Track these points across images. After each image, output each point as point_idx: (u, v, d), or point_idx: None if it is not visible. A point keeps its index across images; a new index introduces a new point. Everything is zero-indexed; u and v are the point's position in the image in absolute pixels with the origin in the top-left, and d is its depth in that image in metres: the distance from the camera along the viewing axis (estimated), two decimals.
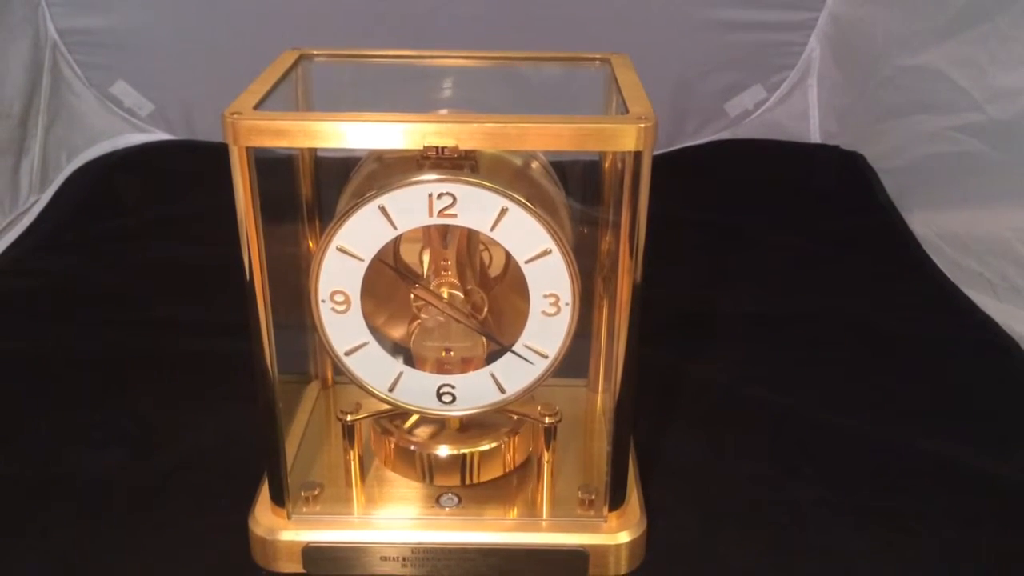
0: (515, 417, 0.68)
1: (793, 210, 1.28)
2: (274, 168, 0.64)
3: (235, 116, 0.54)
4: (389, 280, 0.64)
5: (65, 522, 0.71)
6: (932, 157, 1.17)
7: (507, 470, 0.68)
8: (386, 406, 0.65)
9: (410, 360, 0.64)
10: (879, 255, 1.16)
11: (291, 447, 0.71)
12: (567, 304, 0.59)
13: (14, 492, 0.74)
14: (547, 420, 0.66)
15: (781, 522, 0.72)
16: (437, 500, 0.68)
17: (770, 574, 0.68)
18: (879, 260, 1.15)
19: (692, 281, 1.09)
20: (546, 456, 0.67)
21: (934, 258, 1.13)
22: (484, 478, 0.68)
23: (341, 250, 0.58)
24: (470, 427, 0.68)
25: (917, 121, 1.20)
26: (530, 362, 0.61)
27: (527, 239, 0.57)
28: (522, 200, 0.56)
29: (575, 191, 0.67)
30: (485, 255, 0.65)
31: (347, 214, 0.57)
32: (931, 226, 1.16)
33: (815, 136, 1.47)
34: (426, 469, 0.67)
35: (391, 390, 0.63)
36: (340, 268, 0.58)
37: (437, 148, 0.55)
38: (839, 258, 1.15)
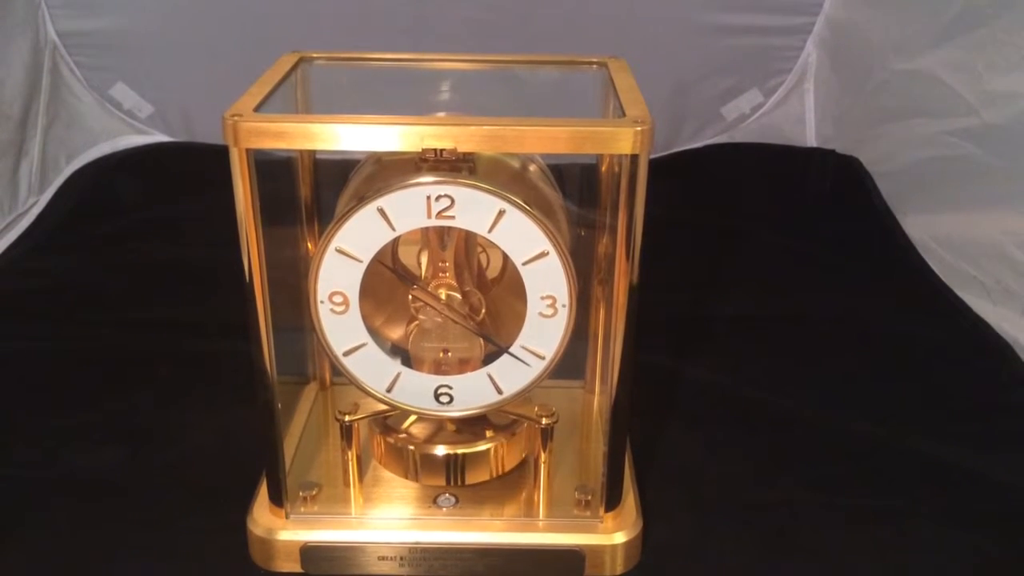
0: (512, 418, 0.68)
1: (789, 213, 1.28)
2: (273, 170, 0.64)
3: (236, 118, 0.54)
4: (388, 281, 0.64)
5: (65, 521, 0.71)
6: (927, 161, 1.17)
7: (504, 471, 0.69)
8: (384, 407, 0.65)
9: (408, 361, 0.65)
10: (874, 258, 1.16)
11: (289, 447, 0.71)
12: (564, 306, 0.60)
13: (14, 492, 0.74)
14: (544, 421, 0.66)
15: (777, 523, 0.72)
16: (434, 500, 0.68)
17: (765, 575, 0.68)
18: (874, 263, 1.15)
19: (689, 283, 1.10)
20: (543, 457, 0.67)
21: (929, 261, 1.13)
22: (481, 478, 0.68)
23: (340, 251, 0.58)
24: (467, 428, 0.68)
25: (913, 125, 1.20)
26: (527, 363, 0.62)
27: (524, 241, 0.57)
28: (519, 202, 0.56)
29: (572, 194, 0.68)
30: (483, 257, 0.65)
31: (346, 216, 0.57)
32: (926, 229, 1.17)
33: (811, 140, 1.48)
34: (423, 469, 0.67)
35: (389, 391, 0.64)
36: (339, 269, 0.59)
37: (435, 150, 0.55)
38: (835, 261, 1.16)
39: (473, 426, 0.68)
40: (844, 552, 0.69)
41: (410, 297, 0.64)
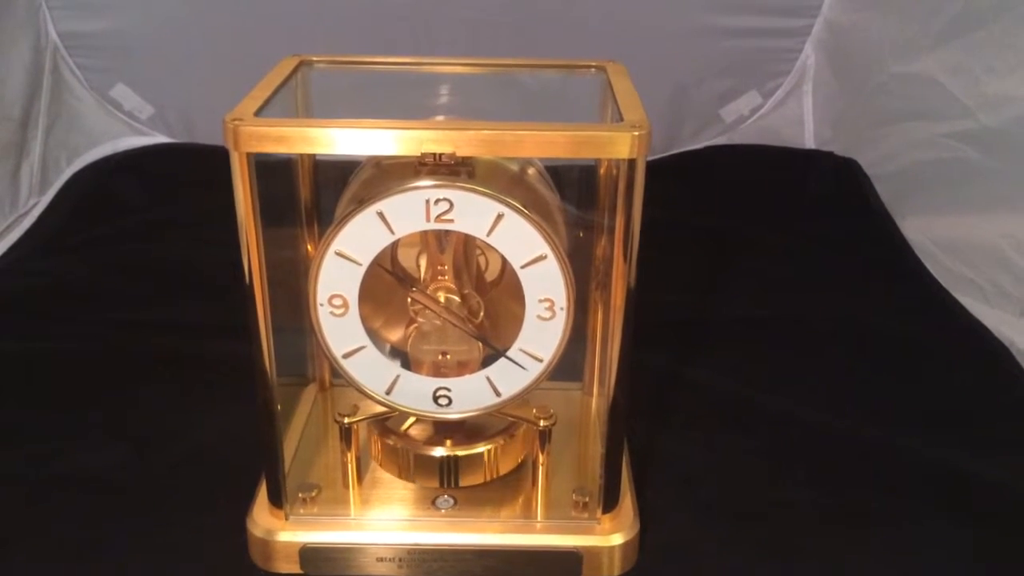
0: (510, 420, 0.68)
1: (788, 215, 1.28)
2: (273, 172, 0.65)
3: (236, 122, 0.54)
4: (387, 284, 0.64)
5: (64, 522, 0.71)
6: (925, 164, 1.18)
7: (502, 472, 0.69)
8: (383, 409, 0.65)
9: (407, 363, 0.65)
10: (872, 260, 1.17)
11: (289, 449, 0.71)
12: (562, 309, 0.60)
13: (14, 492, 0.74)
14: (542, 423, 0.67)
15: (775, 524, 0.73)
16: (433, 502, 0.68)
17: None
18: (872, 265, 1.16)
19: (687, 285, 1.10)
20: (541, 459, 0.68)
21: (926, 264, 1.14)
22: (479, 480, 0.68)
23: (339, 254, 0.58)
24: (466, 430, 0.69)
25: (911, 128, 1.20)
26: (525, 366, 0.62)
27: (523, 244, 0.58)
28: (518, 206, 0.57)
29: (570, 196, 0.68)
30: (481, 260, 0.66)
31: (345, 219, 0.57)
32: (924, 232, 1.17)
33: (810, 142, 1.48)
34: (422, 471, 0.68)
35: (388, 393, 0.64)
36: (338, 272, 0.59)
37: (435, 155, 0.55)
38: (833, 263, 1.16)
39: (471, 428, 0.69)
40: (843, 552, 0.70)
41: (409, 300, 0.64)
